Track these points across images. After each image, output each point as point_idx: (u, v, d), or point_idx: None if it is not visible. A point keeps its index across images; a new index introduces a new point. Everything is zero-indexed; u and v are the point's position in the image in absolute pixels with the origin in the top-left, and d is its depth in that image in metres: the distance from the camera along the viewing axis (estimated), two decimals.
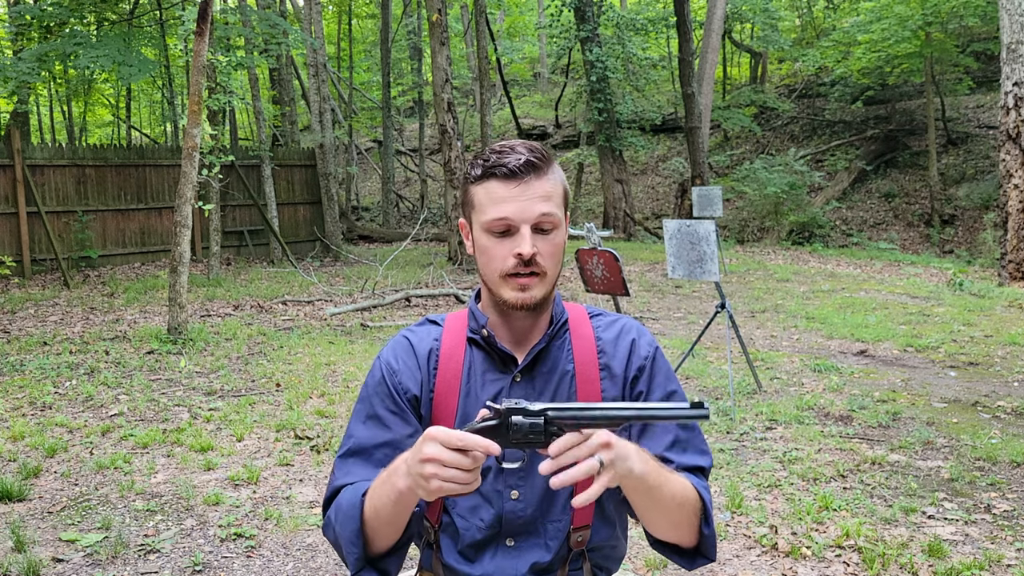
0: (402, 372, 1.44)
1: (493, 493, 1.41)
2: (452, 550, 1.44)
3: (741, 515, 3.78)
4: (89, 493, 4.17)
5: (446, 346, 1.46)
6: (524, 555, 1.41)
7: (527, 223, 1.33)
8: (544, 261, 1.35)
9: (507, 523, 1.41)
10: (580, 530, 1.41)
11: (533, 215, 1.33)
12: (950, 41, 17.04)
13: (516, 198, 1.33)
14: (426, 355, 1.45)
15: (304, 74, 21.38)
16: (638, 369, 1.44)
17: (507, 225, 1.33)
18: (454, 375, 1.43)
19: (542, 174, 1.35)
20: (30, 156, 12.35)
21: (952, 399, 5.61)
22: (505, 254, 1.34)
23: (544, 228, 1.35)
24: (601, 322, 1.50)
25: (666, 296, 10.39)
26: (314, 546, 3.60)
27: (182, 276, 7.42)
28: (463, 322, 1.49)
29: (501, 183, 1.34)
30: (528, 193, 1.33)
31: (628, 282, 6.52)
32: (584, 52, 17.58)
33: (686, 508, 1.30)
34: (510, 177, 1.33)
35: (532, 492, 1.40)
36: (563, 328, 1.47)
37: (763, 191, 16.83)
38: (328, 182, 15.56)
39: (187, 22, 10.72)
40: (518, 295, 1.35)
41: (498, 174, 1.34)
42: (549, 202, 1.34)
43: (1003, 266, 10.96)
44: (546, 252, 1.35)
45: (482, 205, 1.36)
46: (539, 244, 1.34)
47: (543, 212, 1.33)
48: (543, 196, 1.34)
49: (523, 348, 1.44)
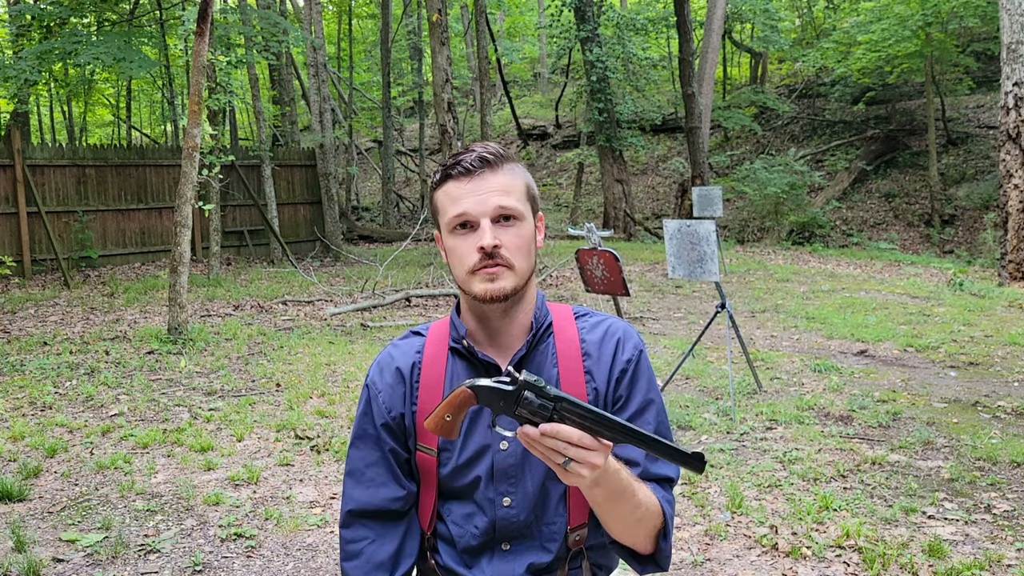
0: (384, 392, 1.47)
1: (485, 501, 1.41)
2: (449, 555, 1.44)
3: (741, 515, 3.78)
4: (89, 493, 4.17)
5: (428, 357, 1.47)
6: (520, 557, 1.41)
7: (485, 216, 1.35)
8: (509, 253, 1.36)
9: (501, 529, 1.41)
10: (577, 529, 1.42)
11: (490, 207, 1.35)
12: (950, 41, 17.04)
13: (472, 193, 1.36)
14: (408, 369, 1.47)
15: (304, 74, 21.38)
16: (620, 372, 1.44)
17: (466, 220, 1.36)
18: (436, 385, 1.44)
19: (497, 169, 1.37)
20: (30, 156, 12.35)
21: (952, 399, 5.61)
22: (469, 250, 1.37)
23: (505, 219, 1.36)
24: (586, 323, 1.49)
25: (666, 296, 10.39)
26: (314, 546, 3.60)
27: (182, 276, 7.42)
28: (445, 331, 1.50)
29: (457, 182, 1.37)
30: (484, 187, 1.36)
31: (628, 282, 6.52)
32: (584, 52, 17.58)
33: (645, 523, 1.33)
34: (465, 174, 1.36)
35: (524, 498, 1.41)
36: (547, 332, 1.46)
37: (763, 191, 16.83)
38: (328, 182, 15.56)
39: (187, 22, 10.72)
40: (487, 286, 1.36)
41: (453, 174, 1.37)
42: (507, 196, 1.37)
43: (1003, 266, 10.96)
44: (511, 244, 1.36)
45: (444, 207, 1.39)
46: (502, 236, 1.36)
47: (500, 204, 1.35)
48: (499, 190, 1.36)
49: (506, 354, 1.44)
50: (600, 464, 1.17)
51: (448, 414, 1.26)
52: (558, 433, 1.16)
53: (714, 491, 4.08)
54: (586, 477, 1.18)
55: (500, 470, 1.41)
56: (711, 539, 3.58)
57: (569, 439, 1.16)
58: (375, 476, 1.43)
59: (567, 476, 1.19)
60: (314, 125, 16.22)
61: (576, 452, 1.16)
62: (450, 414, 1.26)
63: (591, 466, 1.17)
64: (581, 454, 1.16)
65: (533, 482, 1.40)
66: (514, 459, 1.40)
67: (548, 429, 1.16)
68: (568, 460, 1.16)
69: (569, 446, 1.16)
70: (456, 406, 1.26)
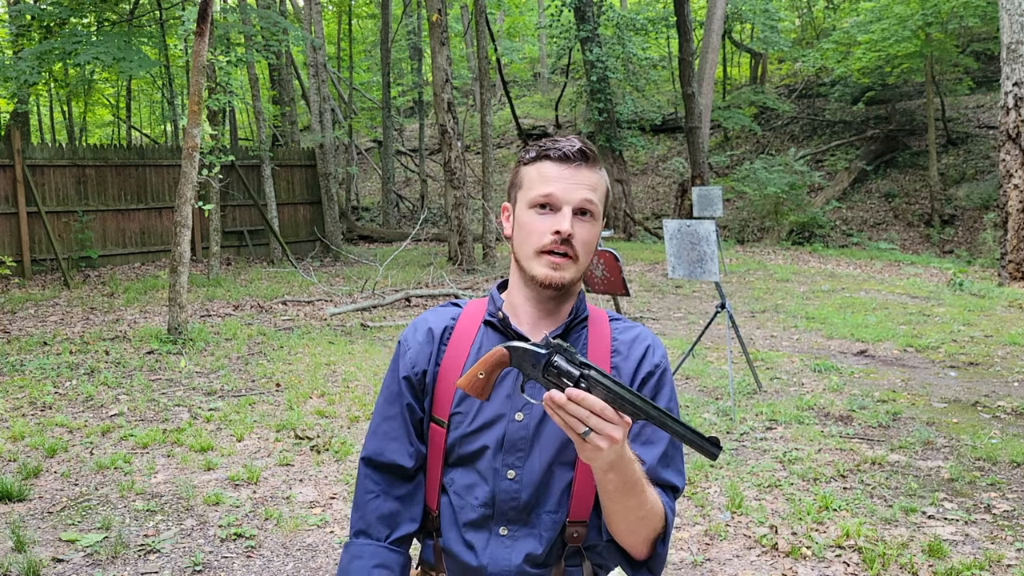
0: (413, 349, 1.52)
1: (490, 471, 1.43)
2: (451, 535, 1.45)
3: (741, 515, 3.78)
4: (89, 493, 4.17)
5: (460, 325, 1.52)
6: (518, 544, 1.42)
7: (570, 204, 1.40)
8: (578, 245, 1.41)
9: (500, 504, 1.42)
10: (576, 525, 1.42)
11: (577, 198, 1.40)
12: (950, 41, 17.04)
13: (565, 179, 1.40)
14: (440, 331, 1.52)
15: (304, 74, 21.37)
16: (647, 374, 1.49)
17: (551, 202, 1.40)
18: (463, 349, 1.49)
19: (592, 165, 1.43)
20: (30, 156, 12.35)
21: (952, 399, 5.61)
22: (544, 230, 1.41)
23: (584, 213, 1.42)
24: (619, 326, 1.55)
25: (666, 296, 10.39)
26: (314, 546, 3.60)
27: (182, 276, 7.42)
28: (483, 307, 1.55)
29: (553, 164, 1.42)
30: (577, 178, 1.41)
31: (628, 282, 6.52)
32: (584, 52, 17.58)
33: (648, 522, 1.36)
34: (562, 160, 1.41)
35: (529, 475, 1.42)
36: (582, 323, 1.52)
37: (763, 191, 16.83)
38: (328, 182, 15.56)
39: (187, 22, 10.71)
40: (549, 273, 1.41)
41: (551, 156, 1.42)
42: (593, 192, 1.42)
43: (1003, 266, 10.96)
44: (581, 237, 1.41)
45: (531, 182, 1.43)
46: (577, 228, 1.40)
47: (586, 198, 1.41)
48: (589, 185, 1.42)
49: (539, 333, 1.48)
50: (619, 439, 1.21)
51: (481, 371, 1.31)
52: (582, 400, 1.20)
53: (714, 491, 4.09)
54: (603, 450, 1.21)
55: (511, 441, 1.43)
56: (711, 539, 3.58)
57: (592, 407, 1.20)
58: (389, 430, 1.49)
59: (585, 448, 1.23)
60: (314, 125, 16.22)
61: (597, 422, 1.20)
62: (483, 372, 1.31)
63: (610, 439, 1.20)
64: (601, 425, 1.20)
65: (540, 461, 1.42)
66: (526, 432, 1.43)
67: (574, 394, 1.20)
68: (588, 431, 1.20)
69: (591, 415, 1.20)
70: (490, 365, 1.31)
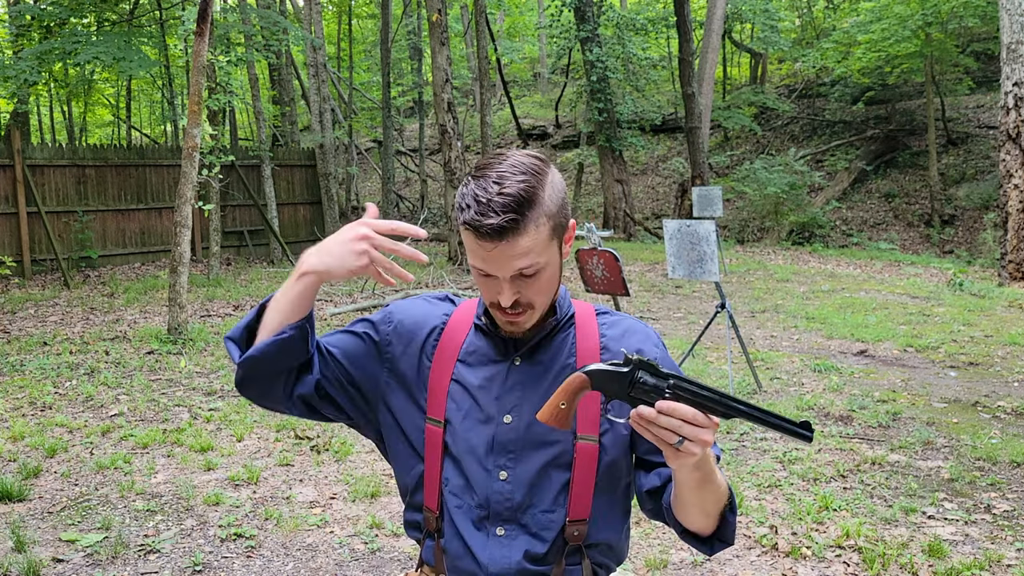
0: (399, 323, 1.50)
1: (483, 472, 1.42)
2: (451, 535, 1.44)
3: (741, 515, 3.78)
4: (89, 493, 4.17)
5: (451, 326, 1.50)
6: (516, 544, 1.41)
7: (504, 276, 1.33)
8: (530, 299, 1.36)
9: (494, 505, 1.41)
10: (577, 524, 1.41)
11: (509, 271, 1.32)
12: (950, 41, 17.04)
13: (494, 258, 1.32)
14: (429, 329, 1.50)
15: (304, 74, 21.37)
16: None
17: (487, 272, 1.34)
18: (451, 354, 1.47)
19: (518, 232, 1.30)
20: (30, 156, 12.35)
21: (952, 399, 5.61)
22: (490, 292, 1.37)
23: (526, 275, 1.34)
24: (607, 320, 1.51)
25: (666, 296, 10.39)
26: (314, 546, 3.60)
27: (182, 276, 7.42)
28: (473, 308, 1.53)
29: (477, 240, 1.32)
30: (506, 253, 1.31)
31: (628, 282, 6.53)
32: (584, 52, 17.58)
33: (720, 501, 1.35)
34: (485, 238, 1.30)
35: (521, 476, 1.41)
36: (568, 323, 1.48)
37: (763, 191, 16.83)
38: (328, 182, 15.56)
39: (187, 22, 10.71)
40: (507, 326, 1.40)
41: (474, 229, 1.31)
42: (527, 256, 1.32)
43: (1003, 266, 10.96)
44: (531, 291, 1.36)
45: (467, 246, 1.36)
46: (523, 288, 1.35)
47: (519, 267, 1.32)
48: (519, 254, 1.31)
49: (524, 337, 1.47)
50: (711, 441, 1.20)
51: (563, 402, 1.28)
52: (674, 411, 1.18)
53: None
54: (697, 455, 1.20)
55: (500, 443, 1.41)
56: None
57: (684, 417, 1.18)
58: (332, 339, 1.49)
59: (677, 456, 1.21)
60: (314, 125, 16.22)
61: (690, 430, 1.18)
62: (564, 402, 1.28)
63: (703, 443, 1.19)
64: (695, 432, 1.18)
65: (533, 463, 1.41)
66: (515, 435, 1.41)
67: (665, 407, 1.18)
68: (682, 440, 1.19)
69: (684, 424, 1.18)
70: (571, 392, 1.27)
